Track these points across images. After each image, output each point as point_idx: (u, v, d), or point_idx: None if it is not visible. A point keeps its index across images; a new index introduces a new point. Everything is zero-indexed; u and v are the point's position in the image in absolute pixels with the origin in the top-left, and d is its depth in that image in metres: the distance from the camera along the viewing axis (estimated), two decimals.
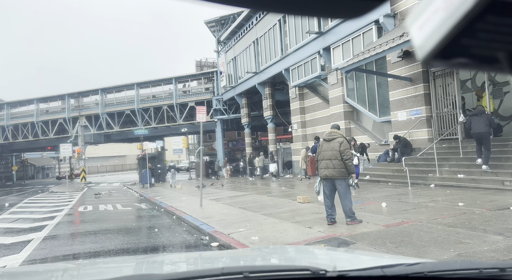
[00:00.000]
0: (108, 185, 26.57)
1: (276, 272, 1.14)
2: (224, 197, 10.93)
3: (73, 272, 1.66)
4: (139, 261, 2.03)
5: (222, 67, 27.27)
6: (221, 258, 1.96)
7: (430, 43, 0.29)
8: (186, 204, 10.25)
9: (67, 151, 23.09)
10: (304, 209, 7.06)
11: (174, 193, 14.78)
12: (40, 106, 35.77)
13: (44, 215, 10.00)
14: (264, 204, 8.33)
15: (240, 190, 13.41)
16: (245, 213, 7.36)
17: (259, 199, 9.47)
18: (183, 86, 32.16)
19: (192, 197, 12.10)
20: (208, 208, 8.81)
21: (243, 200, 9.71)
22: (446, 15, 0.28)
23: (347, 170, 5.14)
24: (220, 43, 28.14)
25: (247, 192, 11.86)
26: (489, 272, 1.04)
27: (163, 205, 10.77)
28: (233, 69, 25.09)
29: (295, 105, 18.47)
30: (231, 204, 9.00)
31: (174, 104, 30.53)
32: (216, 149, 29.59)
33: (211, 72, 30.52)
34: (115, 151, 68.32)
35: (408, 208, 6.18)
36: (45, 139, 35.55)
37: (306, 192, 10.24)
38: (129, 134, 35.32)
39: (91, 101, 34.18)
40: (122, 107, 32.44)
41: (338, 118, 15.02)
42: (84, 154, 32.79)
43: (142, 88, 32.41)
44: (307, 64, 16.37)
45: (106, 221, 8.50)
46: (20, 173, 48.89)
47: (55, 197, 17.10)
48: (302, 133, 18.07)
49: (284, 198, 9.19)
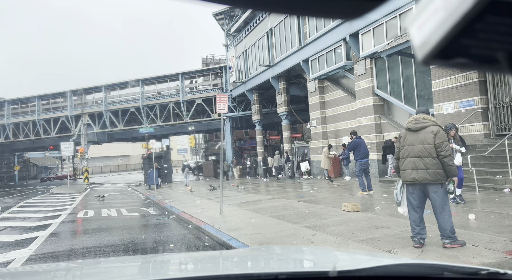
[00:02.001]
0: (112, 186, 25.23)
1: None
2: (245, 202, 9.47)
3: (76, 272, 1.62)
4: (146, 260, 1.93)
5: (232, 62, 25.81)
6: (220, 260, 1.78)
7: (430, 43, 0.29)
8: (202, 209, 8.81)
9: (68, 150, 21.74)
10: (359, 220, 5.57)
11: (185, 195, 13.34)
12: (41, 103, 34.52)
13: (37, 222, 8.60)
14: (300, 212, 6.85)
15: (260, 193, 11.94)
16: (281, 224, 5.88)
17: (290, 205, 7.99)
18: (190, 82, 30.74)
19: (207, 201, 10.66)
20: (231, 216, 7.36)
21: (270, 206, 8.24)
22: (445, 15, 0.28)
23: (445, 172, 3.65)
24: (229, 36, 26.68)
25: (271, 196, 10.39)
26: (488, 272, 0.99)
27: (174, 211, 9.34)
28: (243, 63, 23.64)
29: (314, 100, 16.97)
30: (258, 211, 7.53)
31: (180, 101, 29.14)
32: (225, 148, 28.11)
33: (220, 68, 29.08)
34: (119, 151, 67.32)
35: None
36: (47, 138, 34.30)
37: (345, 197, 8.76)
38: (134, 132, 34.02)
39: (94, 99, 32.86)
40: (126, 104, 31.10)
41: (366, 113, 13.51)
42: (87, 154, 31.46)
43: (147, 84, 31.07)
44: (330, 54, 14.87)
45: (109, 231, 7.07)
46: (22, 173, 47.81)
47: (54, 200, 15.74)
48: (322, 130, 16.57)
49: (321, 204, 7.70)
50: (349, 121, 15.05)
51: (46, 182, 40.21)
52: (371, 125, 13.31)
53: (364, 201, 7.41)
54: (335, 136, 16.05)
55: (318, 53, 15.47)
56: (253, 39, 21.74)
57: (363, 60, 13.32)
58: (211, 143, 45.34)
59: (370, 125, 13.36)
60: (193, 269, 1.57)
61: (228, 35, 26.67)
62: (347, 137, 15.27)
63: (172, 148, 33.90)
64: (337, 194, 9.38)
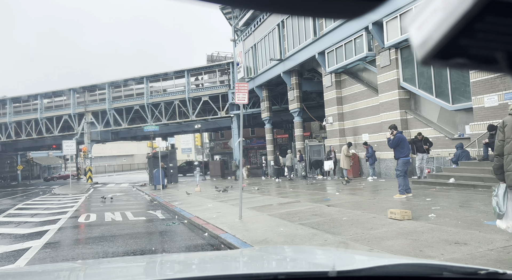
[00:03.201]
0: (116, 186, 24.35)
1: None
2: (264, 205, 8.47)
3: (79, 272, 1.59)
4: (151, 260, 1.94)
5: (239, 57, 24.81)
6: (221, 260, 1.76)
7: (429, 43, 0.29)
8: (217, 214, 7.83)
9: (70, 148, 20.86)
10: (418, 232, 4.56)
11: (194, 197, 12.38)
12: (44, 102, 33.74)
13: (33, 229, 7.66)
14: (336, 220, 5.84)
15: (278, 194, 10.94)
16: (320, 235, 4.89)
17: (319, 210, 6.99)
18: (195, 79, 29.79)
19: (220, 204, 9.69)
20: (253, 223, 6.37)
21: (296, 211, 7.24)
22: (444, 15, 0.28)
23: None
24: (237, 31, 25.69)
25: (291, 198, 9.38)
26: (487, 272, 0.99)
27: (185, 215, 8.38)
28: (252, 58, 22.65)
29: (330, 95, 15.93)
30: (284, 217, 6.54)
31: (186, 98, 28.21)
32: (232, 147, 27.15)
33: (227, 64, 28.09)
34: (123, 150, 66.65)
35: None
36: (50, 137, 33.50)
37: (381, 201, 7.74)
38: (138, 131, 33.16)
39: (98, 96, 32.00)
40: (131, 102, 30.23)
41: (391, 108, 12.47)
42: (90, 153, 30.64)
43: (152, 82, 30.17)
44: (349, 45, 13.83)
45: (114, 241, 6.12)
46: (25, 173, 47.18)
47: (55, 201, 14.84)
48: (339, 127, 15.53)
49: (357, 210, 6.68)
50: (369, 117, 14.01)
51: (49, 182, 39.50)
52: (396, 121, 12.25)
53: (410, 207, 6.39)
54: (354, 133, 15.02)
55: (335, 44, 14.43)
56: (263, 33, 20.73)
57: (387, 51, 12.28)
58: (217, 142, 44.40)
59: (395, 121, 12.29)
60: (193, 269, 1.56)
61: (236, 30, 25.68)
62: (367, 135, 14.25)
63: (177, 147, 33.01)
64: (369, 197, 8.36)
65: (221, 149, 44.06)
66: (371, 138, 13.71)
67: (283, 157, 19.17)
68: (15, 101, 34.82)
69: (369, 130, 14.05)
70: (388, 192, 8.96)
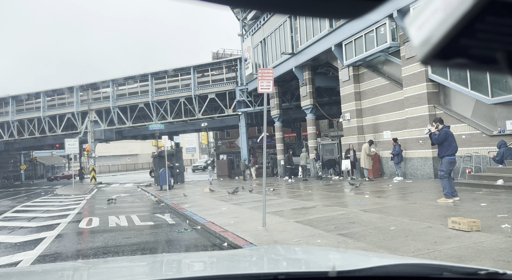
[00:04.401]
0: (120, 186, 23.55)
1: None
2: (288, 210, 7.55)
3: (83, 272, 1.59)
4: (156, 260, 1.91)
5: (248, 53, 23.89)
6: (222, 259, 1.75)
7: (429, 43, 0.29)
8: (235, 219, 6.92)
9: (73, 147, 20.06)
10: (503, 250, 3.60)
11: (205, 198, 11.49)
12: (47, 100, 33.03)
13: (27, 236, 6.79)
14: (382, 230, 4.91)
15: (299, 197, 10.00)
16: (372, 251, 3.95)
17: (355, 217, 6.05)
18: (201, 76, 28.90)
19: (235, 207, 8.78)
20: (280, 232, 5.46)
21: (327, 217, 6.31)
22: (445, 15, 0.28)
23: None
24: (245, 26, 24.77)
25: (316, 202, 8.45)
26: (487, 272, 0.98)
27: (198, 219, 7.48)
28: (261, 53, 21.71)
29: (347, 90, 14.97)
30: (315, 225, 5.62)
31: (192, 96, 27.35)
32: (240, 146, 26.25)
33: (234, 60, 27.19)
34: (127, 150, 66.12)
35: None
36: (53, 136, 32.78)
37: (425, 206, 6.80)
38: (143, 130, 32.37)
39: (102, 94, 31.22)
40: (135, 100, 29.42)
41: (417, 102, 11.49)
42: (94, 152, 29.87)
43: (157, 79, 29.32)
44: (370, 35, 12.85)
45: (119, 253, 5.23)
46: (29, 173, 46.65)
47: (57, 202, 14.02)
48: (357, 124, 14.56)
49: (402, 217, 5.72)
50: (392, 113, 13.04)
51: (52, 182, 38.89)
52: (423, 116, 11.29)
53: (465, 213, 5.43)
54: (374, 130, 14.05)
55: (354, 35, 13.46)
56: (273, 26, 19.80)
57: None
58: (223, 141, 43.54)
59: (422, 116, 11.34)
60: (193, 269, 1.55)
61: (244, 25, 24.77)
62: (388, 132, 13.29)
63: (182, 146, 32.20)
64: (406, 200, 7.39)
65: (226, 149, 43.16)
66: (394, 135, 12.73)
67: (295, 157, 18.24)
68: (18, 99, 34.15)
69: (391, 127, 13.08)
70: (424, 194, 8.00)
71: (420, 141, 11.36)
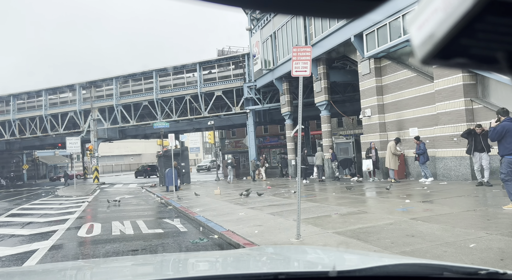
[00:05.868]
0: (124, 187, 22.63)
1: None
2: (318, 217, 6.52)
3: (85, 271, 1.57)
4: (156, 259, 1.93)
5: (257, 47, 22.87)
6: (222, 259, 1.73)
7: (430, 43, 0.29)
8: (258, 227, 5.90)
9: (74, 146, 19.14)
10: None
11: (217, 201, 10.48)
12: (49, 98, 32.19)
13: (16, 248, 5.80)
14: (458, 246, 3.87)
15: (325, 201, 8.94)
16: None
17: (409, 227, 5.01)
18: (208, 73, 27.92)
19: (253, 212, 7.76)
20: (319, 246, 4.42)
21: (372, 227, 5.28)
22: (445, 15, 0.28)
23: None
24: (253, 20, 23.75)
25: (352, 208, 7.39)
26: (488, 272, 0.96)
27: (213, 227, 6.48)
28: (271, 47, 20.69)
29: (368, 84, 13.91)
30: (362, 238, 4.59)
31: (198, 93, 26.38)
32: (247, 145, 25.23)
33: (242, 56, 26.17)
34: (130, 150, 65.40)
35: None
36: (55, 135, 31.93)
37: (491, 213, 5.74)
38: (147, 129, 31.49)
39: (105, 92, 30.31)
40: (140, 97, 28.50)
41: (451, 96, 10.42)
42: (97, 151, 28.99)
43: (161, 76, 28.38)
44: (395, 23, 11.80)
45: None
46: (31, 172, 45.91)
47: (56, 205, 13.08)
48: (379, 121, 13.49)
49: (473, 228, 4.68)
50: (419, 108, 11.97)
51: (55, 182, 38.11)
52: (458, 112, 10.23)
53: None
54: (398, 127, 12.98)
55: (377, 24, 12.41)
56: (284, 18, 18.76)
57: None
58: (228, 140, 42.54)
59: (457, 112, 10.28)
60: (192, 269, 1.54)
61: (252, 19, 23.74)
62: (415, 129, 12.21)
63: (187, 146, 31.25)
64: (460, 206, 6.31)
65: (232, 148, 42.16)
66: (422, 133, 11.67)
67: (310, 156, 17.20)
68: (19, 97, 33.35)
69: (419, 123, 12.02)
70: (476, 200, 6.95)
71: (454, 139, 10.29)
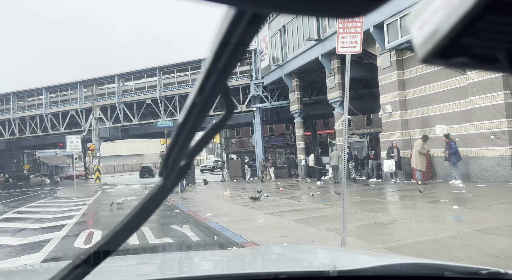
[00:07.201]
0: (126, 188, 21.75)
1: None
2: (359, 226, 5.58)
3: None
4: (157, 259, 1.90)
5: (264, 43, 21.96)
6: (222, 259, 1.75)
7: (431, 42, 0.30)
8: (285, 238, 4.97)
9: (75, 145, 18.29)
10: None
11: (228, 205, 9.55)
12: (49, 96, 31.38)
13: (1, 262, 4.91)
14: None
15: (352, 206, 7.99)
16: None
17: (482, 244, 4.08)
18: None
19: (274, 218, 6.82)
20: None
21: (430, 241, 4.35)
22: (446, 14, 0.28)
23: None
24: None
25: (388, 215, 6.45)
26: (489, 272, 0.96)
27: (231, 236, 5.57)
28: (280, 42, 19.78)
29: (388, 78, 12.96)
30: (426, 256, 3.65)
31: None
32: (254, 145, 24.31)
33: (248, 52, 25.24)
34: (133, 149, 64.65)
35: None
36: (55, 134, 31.12)
37: None
38: (150, 128, 30.61)
39: (107, 90, 29.47)
40: (142, 95, 27.65)
41: (488, 89, 9.46)
42: (98, 151, 28.15)
43: (165, 73, 27.53)
44: None
45: None
46: (32, 173, 45.12)
47: (54, 208, 12.19)
48: (401, 118, 12.53)
49: None
50: (448, 103, 11.01)
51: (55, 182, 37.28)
52: (496, 106, 9.26)
53: None
54: (422, 125, 12.02)
55: (400, 12, 11.47)
56: None
57: None
58: (233, 140, 41.64)
59: (494, 106, 9.31)
60: (192, 269, 1.56)
61: None
62: (443, 126, 11.24)
63: None
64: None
65: (236, 148, 41.26)
66: (451, 130, 10.72)
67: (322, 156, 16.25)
68: (19, 96, 32.57)
69: (447, 120, 11.05)
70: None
71: (491, 136, 9.33)
